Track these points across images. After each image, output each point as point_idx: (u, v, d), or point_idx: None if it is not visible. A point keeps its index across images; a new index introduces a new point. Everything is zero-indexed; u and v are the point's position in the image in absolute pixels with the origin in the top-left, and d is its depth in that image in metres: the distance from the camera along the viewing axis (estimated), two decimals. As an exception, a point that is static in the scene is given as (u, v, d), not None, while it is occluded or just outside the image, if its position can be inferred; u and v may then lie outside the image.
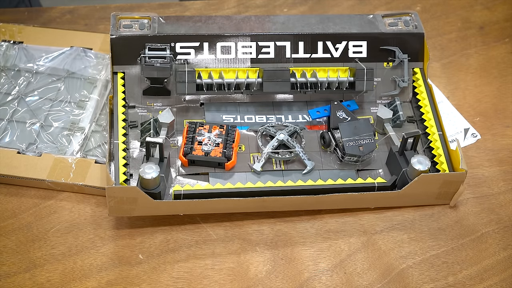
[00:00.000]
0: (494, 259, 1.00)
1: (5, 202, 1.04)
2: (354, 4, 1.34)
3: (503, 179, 1.09)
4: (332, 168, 1.05)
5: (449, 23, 1.31)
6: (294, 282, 0.97)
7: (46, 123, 1.10)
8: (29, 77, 1.16)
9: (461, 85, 1.22)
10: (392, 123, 1.09)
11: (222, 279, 0.97)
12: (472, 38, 1.29)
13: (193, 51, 1.08)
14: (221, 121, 1.08)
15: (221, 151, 1.02)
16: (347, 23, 1.12)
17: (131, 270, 0.97)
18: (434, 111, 1.09)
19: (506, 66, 1.25)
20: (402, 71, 1.12)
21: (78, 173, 1.04)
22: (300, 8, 1.33)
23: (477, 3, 1.35)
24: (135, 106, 1.08)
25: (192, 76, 1.05)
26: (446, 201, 1.04)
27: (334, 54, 1.11)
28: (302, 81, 1.08)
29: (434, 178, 1.00)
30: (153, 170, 0.96)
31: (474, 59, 1.26)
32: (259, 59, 1.10)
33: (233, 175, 1.03)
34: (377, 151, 1.07)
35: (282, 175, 1.03)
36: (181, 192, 0.98)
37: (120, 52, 1.07)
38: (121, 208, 0.97)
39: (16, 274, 0.97)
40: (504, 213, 1.05)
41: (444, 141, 1.06)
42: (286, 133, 1.06)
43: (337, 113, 1.07)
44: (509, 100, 1.20)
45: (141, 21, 1.09)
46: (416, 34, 1.12)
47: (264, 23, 1.12)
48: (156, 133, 1.04)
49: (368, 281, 0.98)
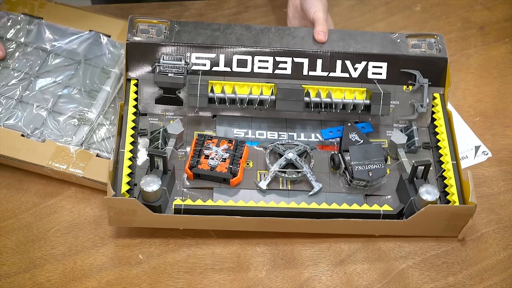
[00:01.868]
0: (494, 259, 1.00)
1: (5, 202, 1.04)
2: (354, 4, 1.34)
3: (503, 179, 1.09)
4: (340, 191, 1.02)
5: (449, 23, 1.31)
6: (294, 282, 0.97)
7: (55, 109, 1.09)
8: (44, 57, 1.14)
9: (461, 85, 1.22)
10: (407, 148, 1.06)
11: (222, 279, 0.97)
12: (472, 38, 1.29)
13: (208, 62, 1.06)
14: (232, 135, 1.07)
15: (227, 167, 1.00)
16: (369, 42, 1.09)
17: (131, 270, 0.97)
18: (451, 139, 1.06)
19: (506, 66, 1.25)
20: (422, 95, 1.08)
21: (78, 164, 1.04)
22: (300, 8, 1.33)
23: (477, 3, 1.34)
24: (146, 113, 1.07)
25: (205, 89, 1.03)
26: (454, 233, 1.01)
27: (352, 74, 1.08)
28: (316, 101, 1.06)
29: (441, 210, 0.97)
30: (154, 183, 0.95)
31: (474, 59, 1.26)
32: (276, 74, 1.07)
33: (238, 192, 1.01)
34: (389, 177, 1.04)
35: (287, 195, 1.01)
36: (181, 207, 0.96)
37: (135, 58, 1.06)
38: (120, 219, 0.96)
39: (16, 274, 0.97)
40: (504, 213, 1.05)
41: (457, 171, 1.02)
42: (295, 152, 1.03)
43: (350, 135, 1.05)
44: (509, 100, 1.20)
45: (158, 27, 1.08)
46: (439, 58, 1.09)
47: (284, 36, 1.09)
48: (164, 143, 1.02)
49: (368, 281, 0.98)
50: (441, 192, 1.02)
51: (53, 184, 1.06)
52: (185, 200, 0.98)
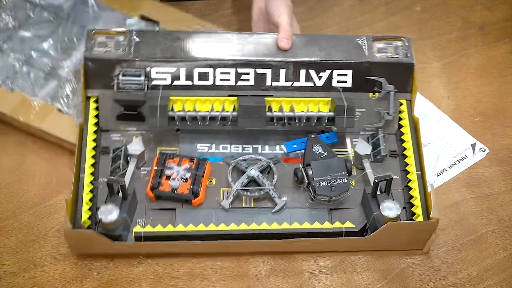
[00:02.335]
0: (494, 259, 1.00)
1: (5, 202, 1.04)
2: (354, 4, 1.34)
3: (503, 179, 1.09)
4: (304, 206, 1.00)
5: (449, 23, 1.31)
6: (294, 282, 0.97)
7: (29, 61, 1.12)
8: (30, 9, 1.16)
9: (461, 85, 1.22)
10: (373, 157, 1.03)
11: (222, 279, 0.97)
12: (472, 38, 1.29)
13: (169, 76, 1.02)
14: (196, 150, 1.04)
15: (188, 187, 0.99)
16: (333, 48, 1.05)
17: (131, 270, 0.97)
18: (416, 148, 1.04)
19: (506, 66, 1.25)
20: (388, 103, 1.05)
21: (39, 117, 1.06)
22: (300, 8, 1.33)
23: (477, 3, 1.34)
24: (108, 130, 1.04)
25: (165, 109, 1.00)
26: (419, 247, 0.99)
27: (317, 83, 1.04)
28: (279, 116, 1.03)
29: (402, 227, 0.96)
30: (112, 212, 0.92)
31: (474, 59, 1.26)
32: (238, 86, 1.03)
33: (200, 213, 0.99)
34: (354, 189, 1.02)
35: (251, 213, 0.99)
36: (141, 234, 0.95)
37: (94, 74, 1.02)
38: (82, 247, 0.96)
39: (16, 274, 0.97)
40: (504, 213, 1.05)
41: (422, 182, 1.00)
42: (257, 168, 1.01)
43: (314, 147, 1.02)
44: (509, 100, 1.20)
45: (116, 39, 1.04)
46: (405, 64, 1.05)
47: (246, 44, 1.05)
48: (126, 162, 1.01)
49: (368, 281, 0.98)
50: (407, 203, 1.01)
51: (53, 183, 1.06)
52: (146, 224, 0.97)
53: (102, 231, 0.94)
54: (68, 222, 0.92)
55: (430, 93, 1.20)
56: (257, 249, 0.98)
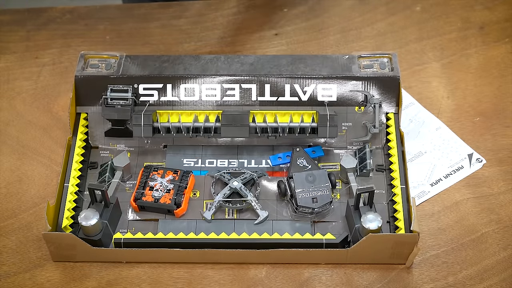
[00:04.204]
0: (494, 259, 1.00)
1: (5, 202, 1.04)
2: (354, 4, 1.34)
3: (503, 179, 1.09)
4: (287, 218, 1.00)
5: (449, 23, 1.31)
6: (294, 282, 0.97)
7: None
8: None
9: (461, 85, 1.22)
10: (359, 171, 1.04)
11: (222, 279, 0.97)
12: (472, 38, 1.29)
13: (156, 92, 1.05)
14: (182, 164, 1.06)
15: (171, 198, 0.99)
16: (319, 65, 1.07)
17: (131, 270, 0.97)
18: (402, 162, 1.04)
19: (506, 66, 1.25)
20: (374, 116, 1.06)
21: None
22: (300, 8, 1.33)
23: (477, 3, 1.34)
24: (98, 146, 1.07)
25: (149, 118, 1.03)
26: (401, 260, 0.98)
27: (302, 97, 1.05)
28: (262, 126, 1.04)
29: (383, 239, 0.95)
30: (93, 217, 0.94)
31: (474, 59, 1.26)
32: (224, 101, 1.06)
33: (182, 223, 1.00)
34: (338, 202, 1.02)
35: (233, 224, 1.00)
36: (121, 240, 0.96)
37: (83, 92, 1.06)
38: (62, 253, 0.96)
39: (16, 274, 0.97)
40: (504, 213, 1.05)
41: (406, 196, 1.00)
42: (240, 180, 1.01)
43: (298, 160, 1.03)
44: (509, 100, 1.20)
45: (108, 61, 1.08)
46: (390, 77, 1.06)
47: (232, 63, 1.08)
48: (112, 175, 1.02)
49: (368, 281, 0.98)
50: (391, 217, 1.00)
51: (53, 184, 1.06)
52: (125, 234, 0.98)
53: (82, 236, 0.95)
54: (47, 224, 0.93)
55: (430, 93, 1.20)
56: (238, 259, 0.98)
